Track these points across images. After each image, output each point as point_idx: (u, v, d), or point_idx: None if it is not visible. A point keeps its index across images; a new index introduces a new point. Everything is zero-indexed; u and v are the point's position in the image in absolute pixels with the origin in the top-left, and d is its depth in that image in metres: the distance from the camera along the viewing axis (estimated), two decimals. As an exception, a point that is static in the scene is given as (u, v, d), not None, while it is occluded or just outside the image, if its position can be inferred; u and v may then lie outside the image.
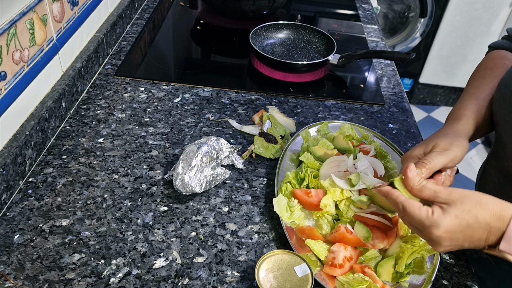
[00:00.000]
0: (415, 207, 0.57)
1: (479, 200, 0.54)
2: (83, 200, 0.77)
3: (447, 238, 0.55)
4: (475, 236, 0.55)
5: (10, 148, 0.75)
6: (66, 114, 0.94)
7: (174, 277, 0.66)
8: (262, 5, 1.33)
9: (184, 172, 0.76)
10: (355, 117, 1.02)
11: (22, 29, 0.78)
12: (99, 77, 1.07)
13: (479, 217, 0.54)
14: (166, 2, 1.48)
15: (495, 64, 0.77)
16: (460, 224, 0.54)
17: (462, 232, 0.55)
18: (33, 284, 0.63)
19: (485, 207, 0.54)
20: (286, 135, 0.94)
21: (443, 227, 0.54)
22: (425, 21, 2.72)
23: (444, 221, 0.54)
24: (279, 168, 0.82)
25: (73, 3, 0.98)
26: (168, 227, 0.73)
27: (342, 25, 1.46)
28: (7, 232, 0.70)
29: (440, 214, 0.55)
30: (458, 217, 0.54)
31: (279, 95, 1.08)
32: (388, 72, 1.21)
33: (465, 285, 0.69)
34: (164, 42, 1.28)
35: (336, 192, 0.73)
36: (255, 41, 1.20)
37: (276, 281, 0.57)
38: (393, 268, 0.67)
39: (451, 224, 0.54)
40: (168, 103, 1.01)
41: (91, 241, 0.70)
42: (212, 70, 1.19)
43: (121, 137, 0.90)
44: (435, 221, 0.55)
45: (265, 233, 0.74)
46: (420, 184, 0.58)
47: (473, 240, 0.55)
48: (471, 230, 0.54)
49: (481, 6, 2.60)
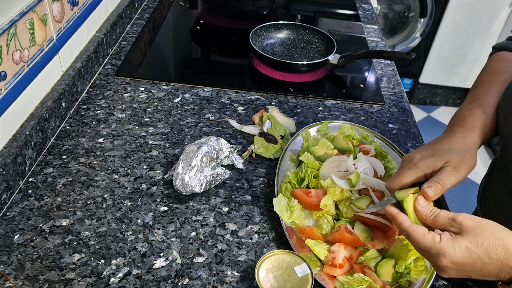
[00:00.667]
0: (419, 235, 0.55)
1: (494, 233, 0.52)
2: (83, 200, 0.77)
3: (453, 268, 0.54)
4: (484, 271, 0.53)
5: (10, 148, 0.75)
6: (66, 114, 0.94)
7: (174, 277, 0.66)
8: (262, 5, 1.33)
9: (184, 172, 0.76)
10: (355, 117, 1.02)
11: (22, 29, 0.78)
12: (99, 77, 1.07)
13: (492, 253, 0.52)
14: (166, 2, 1.48)
15: (501, 68, 0.76)
16: (470, 257, 0.52)
17: (471, 265, 0.53)
18: (33, 284, 0.63)
19: (500, 242, 0.52)
20: (286, 135, 0.94)
21: (450, 257, 0.53)
22: (425, 21, 2.72)
23: (453, 252, 0.53)
24: (279, 168, 0.82)
25: (73, 3, 0.98)
26: (168, 227, 0.73)
27: (342, 25, 1.46)
28: (7, 232, 0.70)
29: (448, 243, 0.53)
30: (469, 249, 0.52)
31: (279, 95, 1.08)
32: (388, 72, 1.21)
33: (465, 285, 0.69)
34: (164, 42, 1.28)
35: (336, 192, 0.73)
36: (255, 41, 1.20)
37: (276, 281, 0.57)
38: (393, 268, 0.67)
39: (460, 256, 0.52)
40: (168, 103, 1.01)
41: (91, 241, 0.70)
42: (212, 70, 1.19)
43: (121, 137, 0.90)
44: (441, 250, 0.53)
45: (265, 233, 0.74)
46: (433, 215, 0.57)
47: (483, 274, 0.54)
48: (481, 264, 0.52)
49: (481, 6, 2.60)
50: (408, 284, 0.66)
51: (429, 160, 0.63)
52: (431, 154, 0.64)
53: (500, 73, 0.75)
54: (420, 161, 0.63)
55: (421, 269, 0.68)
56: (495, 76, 0.75)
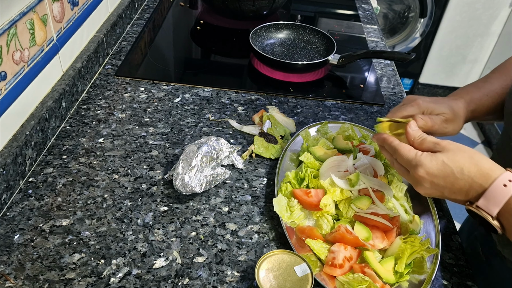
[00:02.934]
0: (405, 149, 0.61)
1: (472, 155, 0.57)
2: (83, 200, 0.77)
3: (428, 180, 0.58)
4: (455, 186, 0.57)
5: (10, 148, 0.75)
6: (66, 114, 0.94)
7: (174, 277, 0.66)
8: (262, 5, 1.33)
9: (184, 172, 0.76)
10: (355, 117, 1.02)
11: (22, 29, 0.78)
12: (99, 77, 1.07)
13: (465, 169, 0.56)
14: (166, 2, 1.48)
15: None
16: (444, 170, 0.57)
17: (444, 178, 0.57)
18: (33, 284, 0.63)
19: (474, 162, 0.56)
20: (286, 135, 0.94)
21: (426, 168, 0.58)
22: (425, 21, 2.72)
23: (429, 164, 0.58)
24: (279, 168, 0.82)
25: (73, 3, 0.98)
26: (168, 227, 0.73)
27: (342, 25, 1.46)
28: (7, 232, 0.70)
29: (427, 157, 0.58)
30: (445, 163, 0.57)
31: (279, 95, 1.08)
32: (388, 72, 1.21)
33: (465, 285, 0.69)
34: (164, 42, 1.28)
35: (336, 192, 0.74)
36: (255, 41, 1.20)
37: (276, 281, 0.57)
38: (393, 268, 0.67)
39: (435, 168, 0.57)
40: (168, 103, 1.01)
41: (91, 241, 0.70)
42: (212, 70, 1.19)
43: (121, 137, 0.90)
44: (419, 161, 0.58)
45: (265, 233, 0.74)
46: (420, 138, 0.62)
47: (454, 189, 0.58)
48: (453, 178, 0.57)
49: (481, 6, 2.60)
50: (408, 284, 0.66)
51: (430, 104, 0.70)
52: (434, 101, 0.71)
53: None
54: (423, 103, 0.71)
55: (421, 269, 0.68)
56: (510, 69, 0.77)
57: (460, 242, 0.76)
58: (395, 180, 0.78)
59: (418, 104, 0.71)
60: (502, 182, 0.54)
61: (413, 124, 0.64)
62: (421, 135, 0.63)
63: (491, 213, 0.55)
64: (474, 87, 0.76)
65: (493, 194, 0.54)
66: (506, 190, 0.53)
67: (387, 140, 0.65)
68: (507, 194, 0.53)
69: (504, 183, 0.54)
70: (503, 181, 0.54)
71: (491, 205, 0.54)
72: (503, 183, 0.54)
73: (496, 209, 0.54)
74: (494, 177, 0.55)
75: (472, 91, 0.75)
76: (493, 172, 0.55)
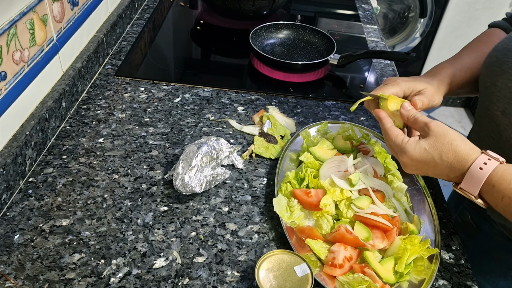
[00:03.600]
0: (393, 135, 0.68)
1: (451, 141, 0.62)
2: (83, 200, 0.77)
3: (412, 165, 0.66)
4: (437, 170, 0.64)
5: (10, 148, 0.75)
6: (66, 114, 0.94)
7: (174, 277, 0.66)
8: (262, 5, 1.33)
9: (184, 172, 0.76)
10: (355, 117, 1.02)
11: (22, 29, 0.78)
12: (99, 77, 1.07)
13: (443, 156, 0.62)
14: (166, 2, 1.48)
15: (488, 41, 0.85)
16: (425, 157, 0.63)
17: (426, 163, 0.64)
18: (33, 284, 0.63)
19: (453, 149, 0.62)
20: (286, 135, 0.94)
21: (409, 155, 0.65)
22: (425, 21, 2.72)
23: (412, 151, 0.64)
24: (279, 168, 0.82)
25: (73, 3, 0.98)
26: (168, 227, 0.73)
27: (342, 25, 1.46)
28: (7, 232, 0.70)
29: (411, 144, 0.65)
30: (426, 150, 0.63)
31: (279, 95, 1.08)
32: (388, 72, 1.21)
33: (465, 285, 0.69)
34: (164, 42, 1.28)
35: (336, 192, 0.73)
36: (255, 41, 1.20)
37: (276, 281, 0.57)
38: (393, 268, 0.67)
39: (417, 155, 0.64)
40: (168, 103, 1.01)
41: (91, 241, 0.70)
42: (212, 70, 1.19)
43: (121, 137, 0.90)
44: (404, 148, 0.65)
45: (265, 233, 0.74)
46: (413, 117, 0.69)
47: (435, 172, 0.65)
48: (434, 164, 0.63)
49: (481, 6, 2.60)
50: (408, 284, 0.66)
51: (410, 83, 0.76)
52: (413, 80, 0.77)
53: (486, 44, 0.83)
54: (402, 82, 0.76)
55: (421, 269, 0.68)
56: (480, 46, 0.85)
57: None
58: (395, 180, 0.78)
59: (398, 83, 0.76)
60: (478, 165, 0.60)
61: (407, 104, 0.71)
62: (414, 114, 0.69)
63: (473, 194, 0.61)
64: (447, 63, 0.83)
65: (471, 177, 0.60)
66: (483, 173, 0.59)
67: (381, 120, 0.71)
68: (484, 176, 0.59)
69: (480, 167, 0.60)
70: (478, 165, 0.60)
71: (471, 187, 0.61)
72: (479, 167, 0.60)
73: (476, 190, 0.61)
74: (470, 162, 0.61)
75: (446, 67, 0.81)
76: (469, 157, 0.61)
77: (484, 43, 0.85)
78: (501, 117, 0.70)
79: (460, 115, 2.99)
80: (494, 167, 0.59)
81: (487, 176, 0.59)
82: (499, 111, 0.71)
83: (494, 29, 0.88)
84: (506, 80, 0.70)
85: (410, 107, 0.71)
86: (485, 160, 0.60)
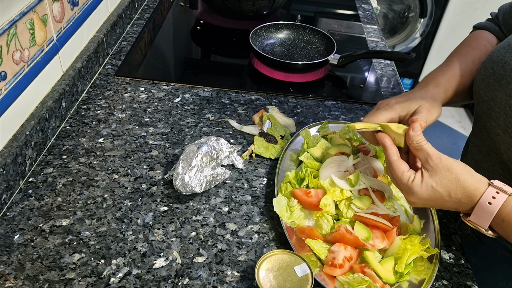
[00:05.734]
0: (399, 171, 0.64)
1: (458, 177, 0.60)
2: (83, 200, 0.77)
3: (419, 203, 0.64)
4: (445, 205, 0.62)
5: (10, 148, 0.75)
6: (66, 114, 0.94)
7: (174, 277, 0.66)
8: (262, 5, 1.33)
9: (184, 172, 0.76)
10: (355, 117, 1.02)
11: (22, 29, 0.78)
12: (99, 77, 1.07)
13: (452, 193, 0.60)
14: (166, 2, 1.48)
15: (477, 45, 0.83)
16: (433, 195, 0.61)
17: (434, 201, 0.62)
18: (33, 284, 0.63)
19: (461, 185, 0.60)
20: (286, 135, 0.94)
21: (417, 195, 0.62)
22: (425, 21, 2.72)
23: (420, 191, 0.62)
24: (279, 168, 0.82)
25: (73, 3, 0.98)
26: (168, 227, 0.73)
27: (342, 25, 1.46)
28: (7, 232, 0.70)
29: (417, 184, 0.62)
30: (434, 188, 0.61)
31: (279, 95, 1.08)
32: (388, 72, 1.21)
33: (465, 285, 0.69)
34: (164, 42, 1.28)
35: (336, 192, 0.73)
36: (255, 41, 1.20)
37: (276, 281, 0.57)
38: (393, 268, 0.67)
39: (425, 194, 0.62)
40: (168, 103, 1.01)
41: (91, 241, 0.70)
42: (212, 70, 1.19)
43: (121, 137, 0.90)
44: (411, 188, 0.62)
45: (265, 233, 0.74)
46: (418, 144, 0.63)
47: (443, 207, 0.63)
48: (442, 201, 0.62)
49: (481, 6, 2.60)
50: (408, 284, 0.66)
51: (404, 104, 0.70)
52: (406, 99, 0.72)
53: (475, 49, 0.82)
54: (396, 105, 0.71)
55: (421, 269, 0.68)
56: (470, 51, 0.82)
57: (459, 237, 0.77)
58: (395, 180, 0.78)
59: (392, 107, 0.70)
60: (487, 200, 0.59)
61: (417, 127, 0.65)
62: (419, 141, 0.63)
63: (483, 227, 0.60)
64: (439, 72, 0.79)
65: (481, 212, 0.59)
66: (492, 207, 0.58)
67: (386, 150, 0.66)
68: (494, 210, 0.58)
69: (488, 201, 0.59)
70: (487, 199, 0.59)
71: (481, 221, 0.60)
72: (487, 201, 0.59)
73: (486, 224, 0.60)
74: (478, 196, 0.59)
75: (438, 76, 0.78)
76: (477, 191, 0.59)
77: (473, 48, 0.83)
78: (502, 135, 0.68)
79: (460, 115, 2.99)
80: (503, 201, 0.58)
81: (497, 210, 0.58)
82: (500, 129, 0.68)
83: (481, 32, 0.86)
84: (507, 97, 0.67)
85: (419, 131, 0.65)
86: (493, 193, 0.59)
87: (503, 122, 0.67)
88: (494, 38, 0.84)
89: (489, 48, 0.82)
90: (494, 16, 0.87)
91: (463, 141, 0.90)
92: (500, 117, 0.68)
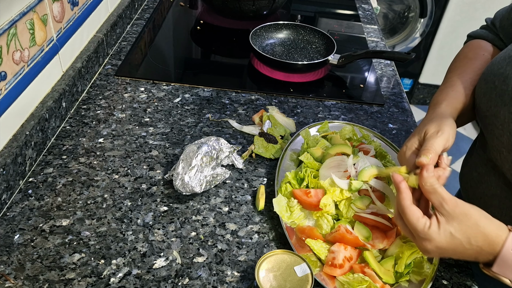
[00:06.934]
0: (414, 217, 0.57)
1: (477, 223, 0.56)
2: (83, 200, 0.77)
3: (436, 252, 0.58)
4: (465, 254, 0.57)
5: (10, 148, 0.75)
6: (66, 114, 0.94)
7: (174, 277, 0.66)
8: (262, 5, 1.33)
9: (184, 172, 0.76)
10: (355, 117, 1.02)
11: (22, 29, 0.78)
12: (99, 77, 1.07)
13: (472, 240, 0.55)
14: (166, 2, 1.48)
15: (475, 55, 0.80)
16: (452, 243, 0.56)
17: (453, 249, 0.57)
18: (33, 284, 0.63)
19: (481, 231, 0.55)
20: (286, 135, 0.94)
21: (435, 243, 0.56)
22: (425, 21, 2.72)
23: (438, 238, 0.56)
24: (279, 168, 0.82)
25: (73, 3, 0.98)
26: (168, 227, 0.73)
27: (342, 25, 1.46)
28: (7, 232, 0.70)
29: (434, 230, 0.56)
30: (453, 235, 0.56)
31: (279, 95, 1.08)
32: (388, 72, 1.21)
33: (465, 285, 0.69)
34: (164, 42, 1.28)
35: (335, 192, 0.73)
36: (255, 41, 1.20)
37: (276, 281, 0.57)
38: (393, 268, 0.67)
39: (444, 242, 0.56)
40: (168, 103, 1.01)
41: (91, 241, 0.70)
42: (212, 70, 1.19)
43: (121, 137, 0.90)
44: (429, 235, 0.56)
45: (265, 233, 0.74)
46: (432, 186, 0.58)
47: (463, 256, 0.58)
48: (462, 249, 0.56)
49: (481, 6, 2.60)
50: (408, 284, 0.66)
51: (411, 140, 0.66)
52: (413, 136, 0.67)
53: (473, 60, 0.79)
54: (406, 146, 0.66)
55: (421, 269, 0.68)
56: (469, 62, 0.78)
57: None
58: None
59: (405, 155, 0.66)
60: (510, 247, 0.55)
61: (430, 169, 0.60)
62: (432, 184, 0.58)
63: (508, 277, 0.56)
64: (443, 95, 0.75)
65: (504, 261, 0.55)
66: None
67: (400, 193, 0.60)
68: None
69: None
70: (510, 247, 0.55)
71: (504, 270, 0.56)
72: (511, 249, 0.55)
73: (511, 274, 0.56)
74: (501, 244, 0.55)
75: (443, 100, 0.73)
76: (499, 238, 0.55)
77: (471, 59, 0.79)
78: (506, 154, 0.65)
79: (460, 115, 2.98)
80: None
81: None
82: (504, 148, 0.65)
83: (478, 41, 0.83)
84: (510, 114, 0.63)
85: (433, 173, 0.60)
86: None
87: (507, 141, 0.64)
88: (491, 46, 0.81)
89: (488, 57, 0.79)
90: (490, 22, 0.84)
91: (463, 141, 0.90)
92: (504, 135, 0.65)
